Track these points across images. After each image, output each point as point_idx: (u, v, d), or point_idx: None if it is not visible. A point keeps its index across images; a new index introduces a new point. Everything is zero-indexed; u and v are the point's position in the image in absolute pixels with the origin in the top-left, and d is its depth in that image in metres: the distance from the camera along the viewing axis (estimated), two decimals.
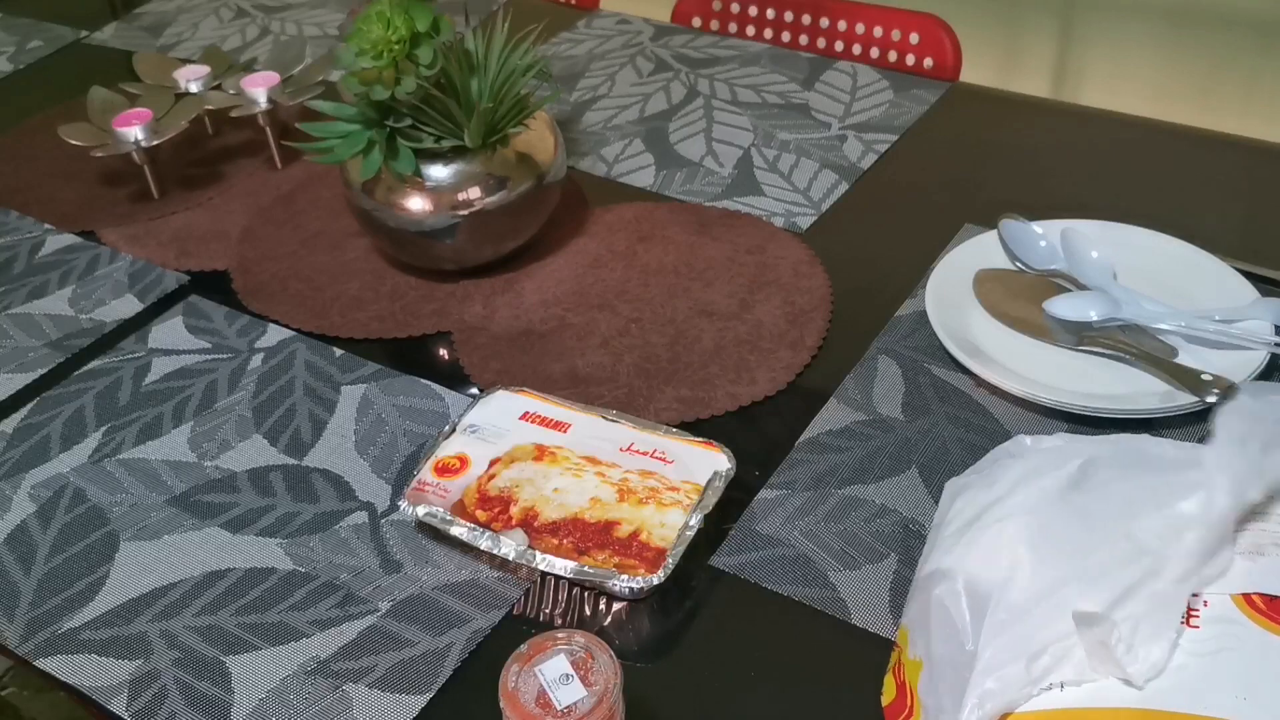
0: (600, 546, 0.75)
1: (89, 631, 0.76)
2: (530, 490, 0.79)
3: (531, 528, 0.77)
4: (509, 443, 0.83)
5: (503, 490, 0.79)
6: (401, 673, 0.72)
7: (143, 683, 0.72)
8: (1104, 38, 1.77)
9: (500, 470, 0.81)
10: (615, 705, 0.63)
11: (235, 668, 0.73)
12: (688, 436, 0.83)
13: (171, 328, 1.01)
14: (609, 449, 0.82)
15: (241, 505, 0.84)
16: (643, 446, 0.82)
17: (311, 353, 0.97)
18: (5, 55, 1.51)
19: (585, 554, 0.75)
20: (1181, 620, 0.58)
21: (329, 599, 0.76)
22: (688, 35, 1.40)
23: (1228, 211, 1.04)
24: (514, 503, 0.78)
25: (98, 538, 0.82)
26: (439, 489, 0.80)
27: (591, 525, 0.76)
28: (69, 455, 0.89)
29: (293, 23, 1.52)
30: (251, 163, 1.23)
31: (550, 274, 1.04)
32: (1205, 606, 0.59)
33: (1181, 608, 0.58)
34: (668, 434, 0.83)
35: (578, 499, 0.78)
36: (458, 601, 0.76)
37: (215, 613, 0.76)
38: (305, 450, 0.88)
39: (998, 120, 1.22)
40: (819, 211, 1.09)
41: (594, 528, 0.76)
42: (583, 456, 0.81)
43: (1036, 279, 0.96)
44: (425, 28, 0.91)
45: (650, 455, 0.81)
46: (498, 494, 0.79)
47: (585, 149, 1.21)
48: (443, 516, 0.78)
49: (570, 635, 0.65)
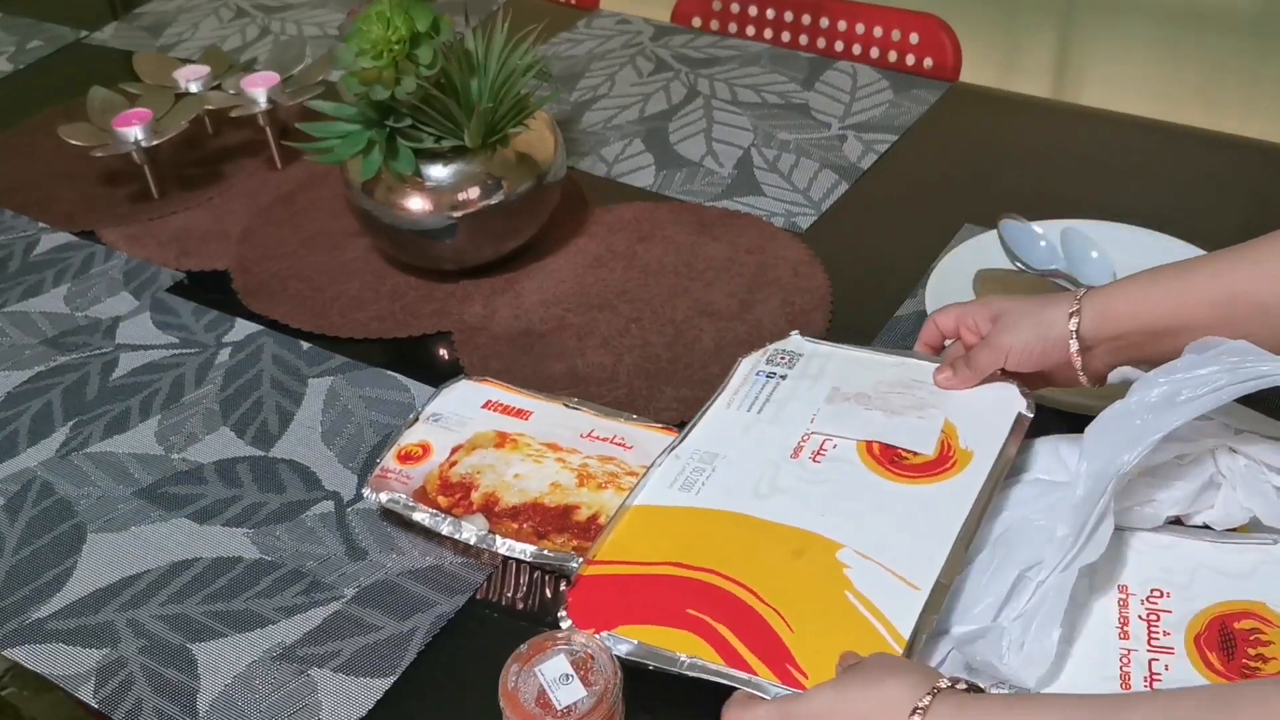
0: (559, 530, 0.76)
1: (56, 621, 0.76)
2: (491, 476, 0.80)
3: (492, 513, 0.78)
4: (471, 430, 0.84)
5: (464, 476, 0.80)
6: (366, 657, 0.73)
7: (109, 670, 0.73)
8: (1104, 38, 1.77)
9: (462, 457, 0.82)
10: (615, 705, 0.63)
11: (201, 654, 0.73)
12: (647, 422, 0.84)
13: (139, 323, 1.02)
14: (569, 435, 0.83)
15: (209, 496, 0.85)
16: (603, 433, 0.83)
17: (279, 346, 0.98)
18: (5, 55, 1.51)
19: (545, 538, 0.76)
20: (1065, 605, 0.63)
21: (295, 586, 0.77)
22: (688, 35, 1.40)
23: (1228, 211, 1.04)
24: (475, 488, 0.79)
25: (65, 529, 0.83)
26: (401, 476, 0.81)
27: (551, 510, 0.77)
28: (36, 450, 0.90)
29: (293, 23, 1.52)
30: (251, 163, 1.23)
31: (550, 274, 1.04)
32: (833, 448, 0.74)
33: (1067, 591, 0.63)
34: (628, 420, 0.84)
35: (538, 484, 0.79)
36: (422, 587, 0.77)
37: (182, 601, 0.77)
38: (272, 442, 0.89)
39: (998, 120, 1.22)
40: (819, 211, 1.08)
41: (553, 512, 0.77)
42: (543, 443, 0.82)
43: (1036, 279, 0.96)
44: (425, 28, 0.91)
45: (610, 441, 0.82)
46: (459, 480, 0.80)
47: (585, 149, 1.21)
48: (405, 503, 0.79)
49: (570, 635, 0.65)
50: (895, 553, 0.67)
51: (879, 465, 0.73)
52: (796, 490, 0.72)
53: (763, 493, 0.73)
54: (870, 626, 0.64)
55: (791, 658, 0.63)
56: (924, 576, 0.65)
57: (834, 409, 0.78)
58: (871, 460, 0.73)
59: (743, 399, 0.81)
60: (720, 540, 0.70)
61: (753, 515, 0.71)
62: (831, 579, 0.66)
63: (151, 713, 0.70)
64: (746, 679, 0.63)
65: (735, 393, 0.81)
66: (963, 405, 0.76)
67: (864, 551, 0.67)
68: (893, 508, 0.70)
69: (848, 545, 0.68)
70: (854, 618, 0.64)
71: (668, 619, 0.66)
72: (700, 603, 0.67)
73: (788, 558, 0.68)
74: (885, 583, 0.66)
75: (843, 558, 0.67)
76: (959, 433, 0.74)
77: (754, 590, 0.67)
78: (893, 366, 0.81)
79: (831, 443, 0.75)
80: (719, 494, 0.73)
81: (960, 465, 0.72)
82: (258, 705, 0.70)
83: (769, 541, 0.69)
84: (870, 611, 0.64)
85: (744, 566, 0.68)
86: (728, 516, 0.72)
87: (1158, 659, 0.64)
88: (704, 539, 0.70)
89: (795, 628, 0.64)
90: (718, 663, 0.64)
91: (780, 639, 0.64)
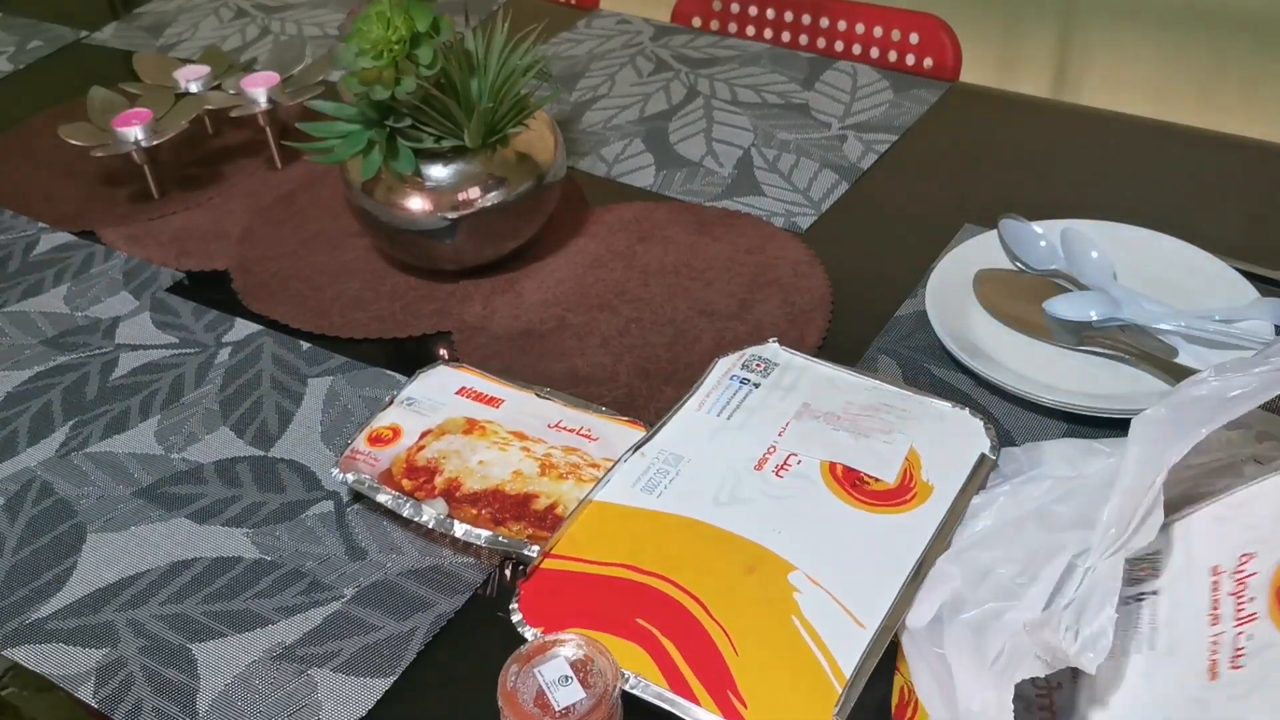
0: (517, 518, 0.77)
1: (56, 621, 0.76)
2: (456, 462, 0.80)
3: (453, 498, 0.78)
4: (442, 416, 0.85)
5: (429, 461, 0.81)
6: (366, 657, 0.73)
7: (109, 670, 0.73)
8: (1104, 38, 1.77)
9: (430, 442, 0.82)
10: (614, 707, 0.63)
11: (201, 654, 0.73)
12: (615, 415, 0.84)
13: (139, 323, 1.02)
14: (537, 425, 0.83)
15: (208, 496, 0.85)
16: (570, 424, 0.83)
17: (279, 346, 0.98)
18: (5, 55, 1.51)
19: (502, 525, 0.76)
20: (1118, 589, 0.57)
21: (294, 586, 0.77)
22: (688, 35, 1.40)
23: (1228, 211, 1.04)
24: (439, 473, 0.80)
25: (65, 529, 0.83)
26: (370, 458, 0.82)
27: (511, 498, 0.78)
28: (36, 450, 0.90)
29: (293, 23, 1.52)
30: (251, 163, 1.23)
31: (550, 274, 1.04)
32: (798, 464, 0.74)
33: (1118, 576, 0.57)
34: (597, 413, 0.85)
35: (501, 471, 0.80)
36: (422, 587, 0.77)
37: (181, 601, 0.77)
38: (272, 442, 0.89)
39: (998, 120, 1.22)
40: (819, 211, 1.08)
41: (513, 500, 0.78)
42: (511, 431, 0.83)
43: (1036, 279, 0.96)
44: (425, 28, 0.91)
45: (576, 432, 0.83)
46: (424, 464, 0.81)
47: (585, 149, 1.21)
48: (370, 484, 0.80)
49: (571, 637, 0.65)
50: (846, 584, 0.67)
51: (840, 488, 0.73)
52: (756, 502, 0.72)
53: (723, 500, 0.73)
54: (814, 659, 0.63)
55: (734, 684, 0.63)
56: (872, 616, 0.65)
57: (802, 425, 0.78)
58: (834, 482, 0.73)
59: (714, 402, 0.81)
60: (676, 546, 0.70)
61: (710, 523, 0.71)
62: (780, 601, 0.66)
63: (151, 713, 0.70)
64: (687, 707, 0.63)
65: (708, 395, 0.81)
66: (930, 435, 0.76)
67: (815, 578, 0.67)
68: (849, 535, 0.70)
69: (799, 568, 0.68)
70: (799, 647, 0.64)
71: (616, 627, 0.66)
72: (650, 613, 0.67)
73: (740, 572, 0.68)
74: (833, 614, 0.65)
75: (794, 580, 0.67)
76: (923, 463, 0.74)
77: (703, 603, 0.67)
78: (865, 390, 0.81)
79: (796, 458, 0.75)
80: (679, 499, 0.73)
81: (920, 499, 0.72)
82: (258, 705, 0.70)
83: (723, 552, 0.69)
84: (815, 642, 0.64)
85: (696, 577, 0.68)
86: (685, 522, 0.71)
87: (1242, 632, 0.55)
88: (660, 543, 0.71)
89: (740, 650, 0.64)
90: (661, 684, 0.64)
91: (725, 662, 0.64)
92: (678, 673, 0.64)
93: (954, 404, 0.79)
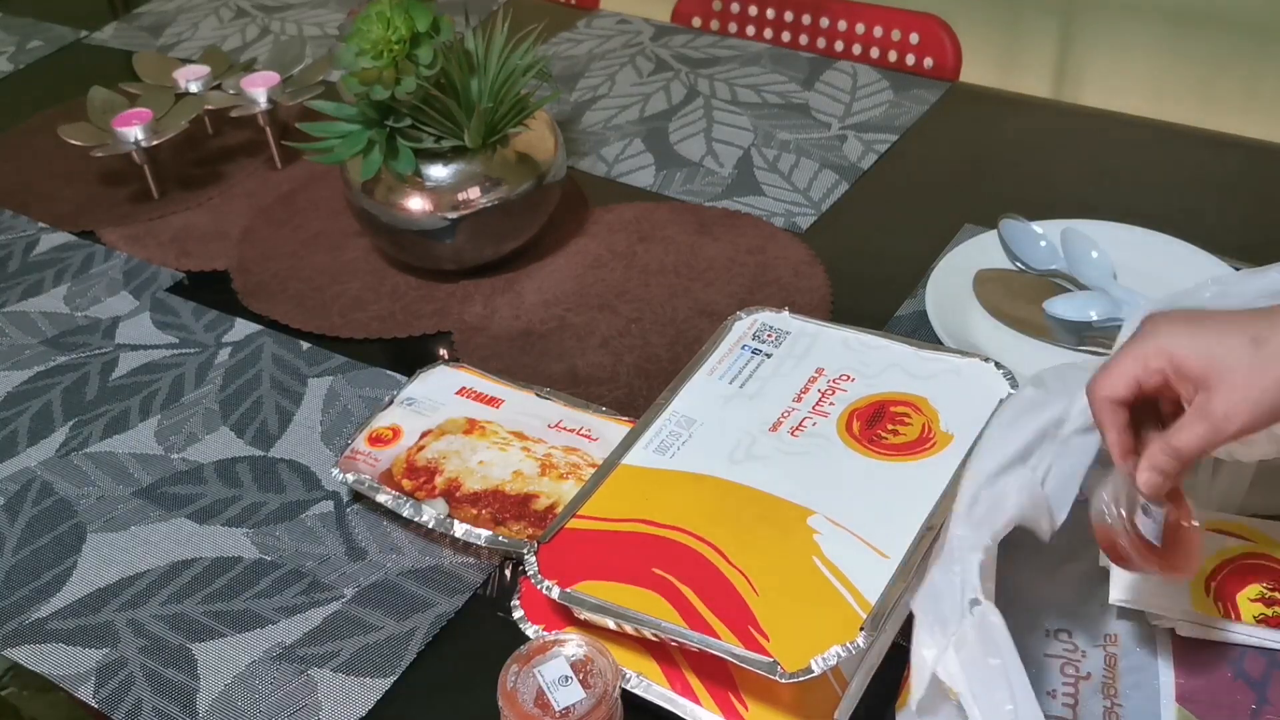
0: (517, 518, 0.77)
1: (56, 621, 0.76)
2: (456, 462, 0.81)
3: (453, 498, 0.78)
4: (442, 416, 0.85)
5: (430, 461, 0.81)
6: (366, 657, 0.73)
7: (109, 670, 0.73)
8: (1104, 38, 1.77)
9: (430, 442, 0.82)
10: (614, 708, 0.63)
11: (201, 654, 0.73)
12: (615, 416, 0.84)
13: (139, 323, 1.02)
14: (537, 425, 0.83)
15: (208, 496, 0.85)
16: (570, 424, 0.84)
17: (279, 346, 0.98)
18: (5, 55, 1.51)
19: (502, 524, 0.76)
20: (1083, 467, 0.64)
21: (294, 586, 0.77)
22: (688, 35, 1.40)
23: (1228, 211, 1.04)
24: (439, 473, 0.80)
25: (65, 529, 0.83)
26: (370, 458, 0.82)
27: (511, 497, 0.78)
28: (36, 449, 0.90)
29: (293, 23, 1.52)
30: (251, 163, 1.23)
31: (550, 274, 1.04)
32: (813, 425, 0.75)
33: (1090, 452, 0.64)
34: (597, 413, 0.85)
35: (501, 472, 0.80)
36: (421, 587, 0.77)
37: (181, 601, 0.77)
38: (272, 442, 0.89)
39: (998, 120, 1.22)
40: (819, 211, 1.08)
41: (513, 500, 0.78)
42: (511, 431, 0.83)
43: (1036, 279, 0.96)
44: (425, 28, 0.91)
45: (576, 433, 0.83)
46: (425, 464, 0.81)
47: (585, 149, 1.21)
48: (370, 484, 0.80)
49: (571, 637, 0.65)
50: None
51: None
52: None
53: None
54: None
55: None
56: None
57: None
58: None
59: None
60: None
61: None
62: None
63: (151, 713, 0.70)
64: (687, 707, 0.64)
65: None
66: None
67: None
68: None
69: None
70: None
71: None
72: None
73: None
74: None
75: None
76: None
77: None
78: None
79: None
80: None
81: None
82: (258, 705, 0.70)
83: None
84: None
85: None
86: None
87: (809, 417, 0.75)
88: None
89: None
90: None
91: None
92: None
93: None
